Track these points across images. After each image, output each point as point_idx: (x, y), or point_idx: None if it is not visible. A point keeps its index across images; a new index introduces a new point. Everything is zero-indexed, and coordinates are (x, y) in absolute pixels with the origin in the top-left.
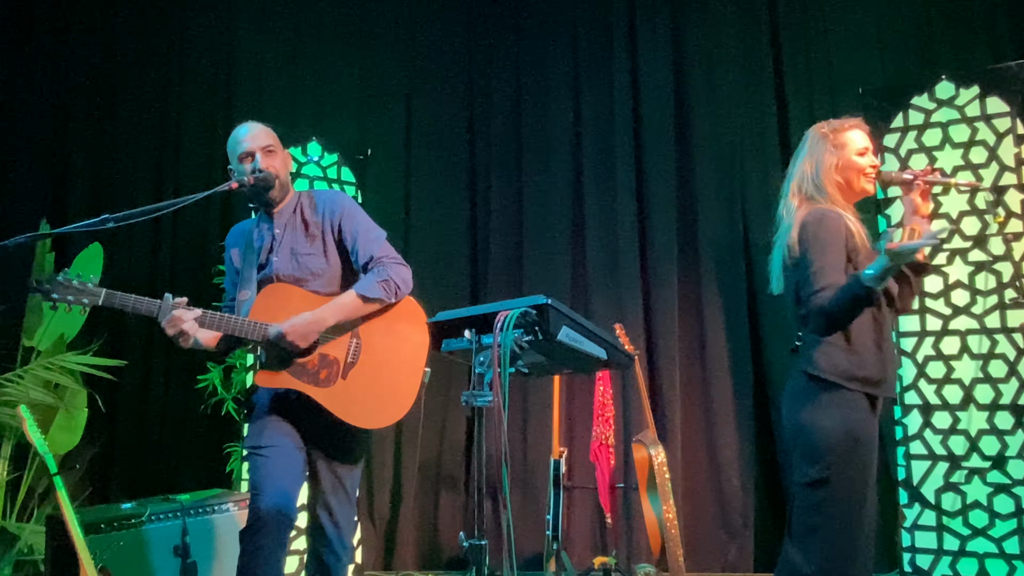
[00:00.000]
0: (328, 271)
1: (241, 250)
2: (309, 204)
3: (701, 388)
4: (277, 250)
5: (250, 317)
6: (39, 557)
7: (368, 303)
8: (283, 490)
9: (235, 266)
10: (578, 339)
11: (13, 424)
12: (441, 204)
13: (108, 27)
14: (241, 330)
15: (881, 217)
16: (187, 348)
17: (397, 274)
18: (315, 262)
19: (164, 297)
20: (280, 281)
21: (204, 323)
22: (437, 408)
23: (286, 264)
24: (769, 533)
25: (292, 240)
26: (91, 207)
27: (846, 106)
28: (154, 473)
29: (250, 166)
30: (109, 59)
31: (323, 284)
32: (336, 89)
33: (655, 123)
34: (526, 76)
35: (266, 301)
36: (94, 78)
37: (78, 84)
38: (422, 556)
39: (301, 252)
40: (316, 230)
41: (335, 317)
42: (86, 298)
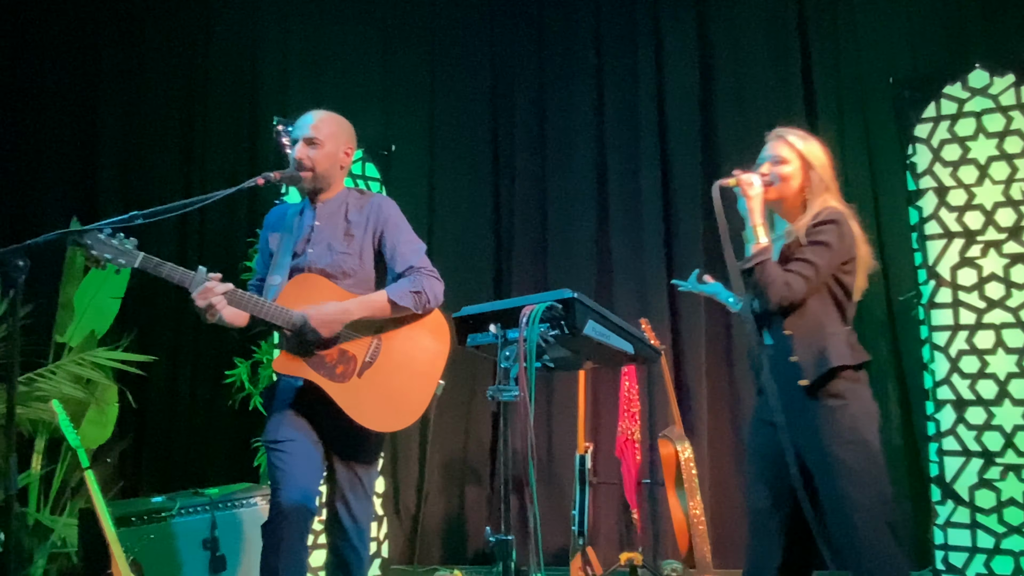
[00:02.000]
0: (360, 273)
1: (280, 233)
2: (356, 204)
3: (728, 383)
4: (315, 241)
5: (277, 303)
6: (72, 550)
7: (396, 309)
8: (303, 484)
9: (269, 248)
10: (604, 333)
11: (46, 419)
12: (465, 198)
13: (135, 27)
14: (266, 313)
15: (912, 209)
16: (212, 323)
17: (430, 287)
18: (349, 261)
19: (198, 269)
20: (311, 272)
21: (232, 301)
22: (461, 403)
23: (321, 257)
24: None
25: (330, 235)
26: (120, 205)
27: (876, 96)
28: (183, 467)
29: (296, 155)
30: (136, 59)
31: (353, 284)
32: (360, 85)
33: (680, 115)
34: (549, 70)
35: (295, 290)
36: (121, 78)
37: (106, 84)
38: (448, 551)
39: (337, 249)
40: (356, 231)
41: (360, 312)
42: (123, 258)
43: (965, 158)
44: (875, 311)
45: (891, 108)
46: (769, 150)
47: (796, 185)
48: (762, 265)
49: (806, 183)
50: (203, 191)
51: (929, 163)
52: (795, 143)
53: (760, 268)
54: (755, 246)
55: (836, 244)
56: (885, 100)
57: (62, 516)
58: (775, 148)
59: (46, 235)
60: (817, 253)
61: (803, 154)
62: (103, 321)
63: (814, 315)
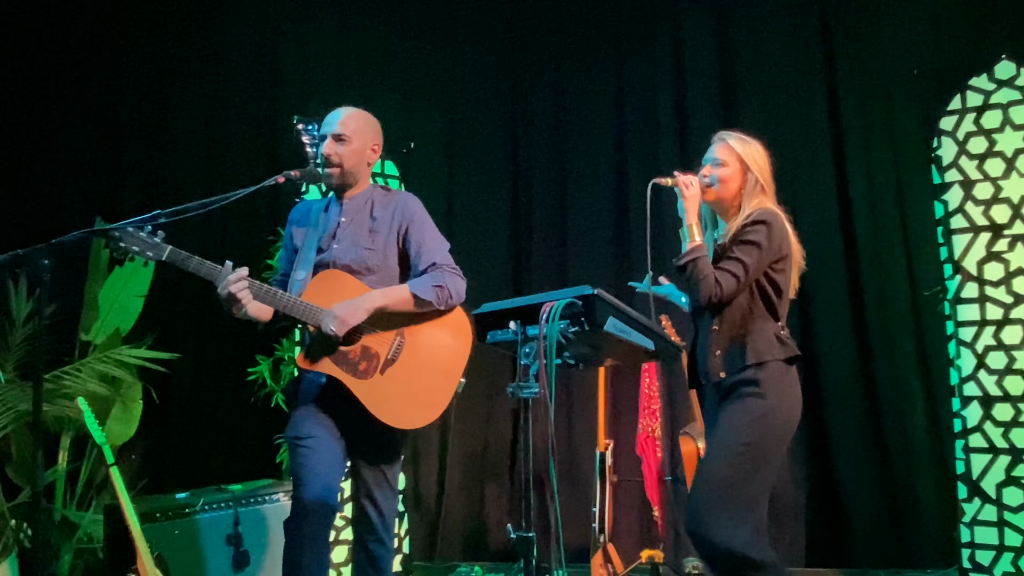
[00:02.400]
0: (384, 270)
1: (304, 229)
2: (381, 201)
3: None
4: (340, 237)
5: (302, 298)
6: (98, 545)
7: (418, 303)
8: (326, 481)
9: (294, 244)
10: (625, 330)
11: (72, 416)
12: (483, 196)
13: (157, 27)
14: (292, 309)
15: (938, 203)
16: (237, 317)
17: (453, 283)
18: (373, 258)
19: (225, 263)
20: (336, 268)
21: (257, 295)
22: (481, 400)
23: (345, 253)
24: (821, 527)
25: (355, 231)
26: (143, 204)
27: (900, 89)
28: (206, 463)
29: (324, 151)
30: (158, 59)
31: (376, 280)
32: (379, 84)
33: (701, 111)
34: (568, 67)
35: (320, 285)
36: (143, 78)
37: (128, 85)
38: (469, 547)
39: (362, 245)
40: (381, 227)
41: (382, 300)
42: (151, 252)
43: (991, 151)
44: (900, 307)
45: (915, 100)
46: (711, 152)
47: (735, 187)
48: (694, 262)
49: (744, 185)
50: (224, 190)
51: (954, 156)
52: (735, 146)
53: (692, 265)
54: (689, 244)
55: (765, 243)
56: (909, 92)
57: (88, 512)
58: (716, 151)
59: (71, 234)
60: (746, 252)
61: (742, 157)
62: (127, 319)
63: (740, 312)
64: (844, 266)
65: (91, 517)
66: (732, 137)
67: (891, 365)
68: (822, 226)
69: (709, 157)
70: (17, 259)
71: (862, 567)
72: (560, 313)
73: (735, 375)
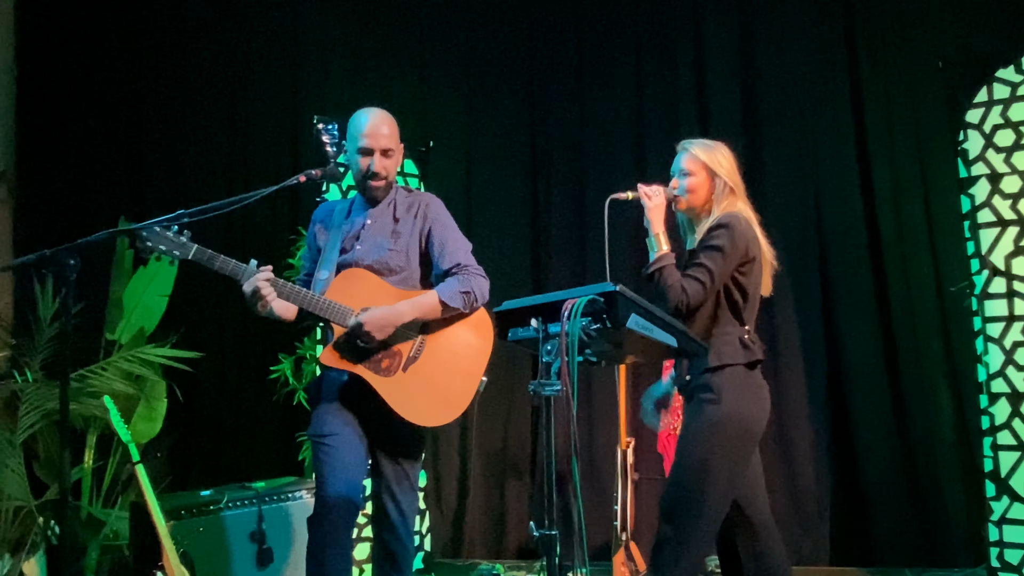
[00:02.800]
0: (406, 270)
1: (327, 229)
2: (403, 202)
3: (772, 377)
4: (364, 238)
5: (326, 296)
6: (124, 542)
7: (446, 309)
8: (348, 478)
9: (317, 244)
10: (648, 327)
11: (98, 415)
12: (503, 193)
13: (179, 30)
14: (316, 307)
15: (964, 196)
16: (262, 315)
17: (478, 286)
18: (396, 259)
19: (249, 262)
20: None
21: (282, 294)
22: (501, 398)
23: (369, 254)
24: (846, 525)
25: (379, 233)
26: (167, 204)
27: (924, 81)
28: (230, 461)
29: (366, 165)
30: (180, 61)
31: (399, 280)
32: (398, 82)
33: (721, 102)
34: (587, 62)
35: (344, 284)
36: (166, 80)
37: (151, 87)
38: (490, 545)
39: (385, 246)
40: (403, 228)
41: (413, 314)
42: (177, 250)
43: (1019, 143)
44: (926, 303)
45: (941, 93)
46: (677, 163)
47: (704, 194)
48: (661, 271)
49: (713, 191)
50: (246, 189)
51: (981, 149)
52: (699, 154)
53: (659, 274)
54: (657, 253)
55: (728, 247)
56: (934, 85)
57: (113, 509)
58: (683, 162)
59: (97, 233)
60: (710, 258)
61: (707, 164)
62: (151, 318)
63: (705, 317)
64: (868, 261)
65: (117, 514)
66: (695, 145)
67: (917, 362)
68: (846, 221)
69: (676, 169)
70: (44, 259)
71: (888, 566)
72: (582, 310)
73: (696, 378)
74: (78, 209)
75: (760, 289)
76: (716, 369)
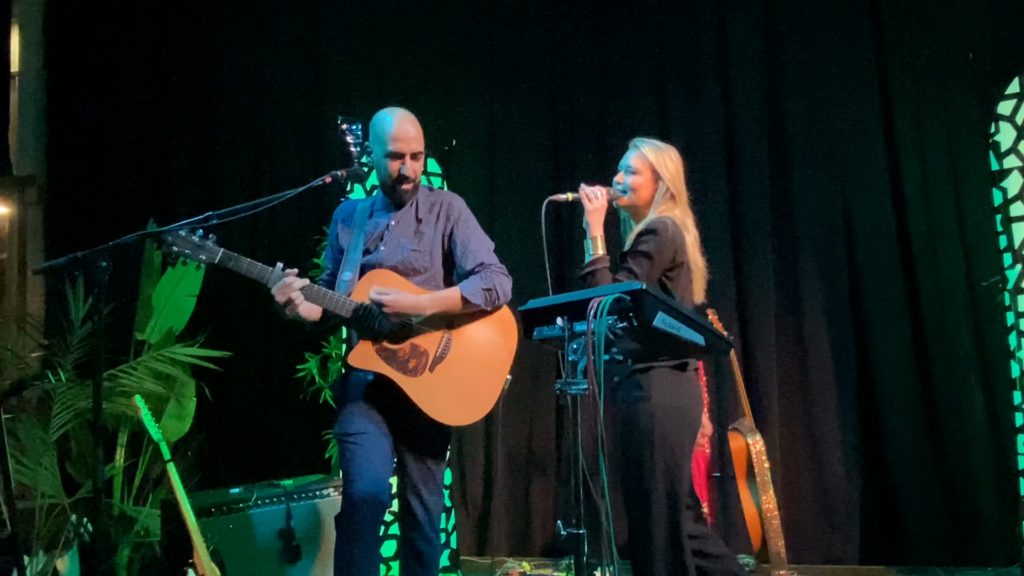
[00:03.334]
0: (430, 270)
1: (350, 229)
2: (425, 201)
3: (800, 374)
4: (387, 240)
5: (351, 298)
6: (155, 539)
7: (467, 305)
8: (375, 476)
9: (339, 244)
10: (675, 325)
11: (129, 414)
12: (526, 192)
13: (204, 35)
14: (340, 307)
15: (996, 190)
16: (289, 318)
17: (501, 284)
18: (420, 259)
19: (276, 265)
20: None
21: (309, 296)
22: (525, 395)
23: (393, 255)
24: (876, 524)
25: (402, 234)
26: (194, 205)
27: (955, 73)
28: (258, 459)
29: (396, 169)
30: (205, 65)
31: (423, 281)
32: (420, 81)
33: (746, 99)
34: (609, 59)
35: (369, 285)
36: (192, 83)
37: (177, 90)
38: (516, 543)
39: (408, 247)
40: (427, 229)
41: (433, 308)
42: (204, 255)
43: None
44: (957, 297)
45: (971, 85)
46: (626, 160)
47: (646, 195)
48: (593, 274)
49: (654, 193)
50: (272, 190)
51: (1013, 141)
52: (648, 154)
53: (591, 276)
54: (593, 255)
55: (655, 252)
56: (965, 76)
57: (145, 507)
58: (631, 159)
59: (127, 236)
60: (638, 262)
61: (653, 166)
62: (180, 318)
63: None
64: (898, 256)
65: (148, 512)
66: (646, 144)
67: (948, 358)
68: (874, 216)
69: (623, 164)
70: (76, 262)
71: (919, 564)
72: (608, 308)
73: (624, 379)
74: (107, 211)
75: (689, 295)
76: (644, 370)
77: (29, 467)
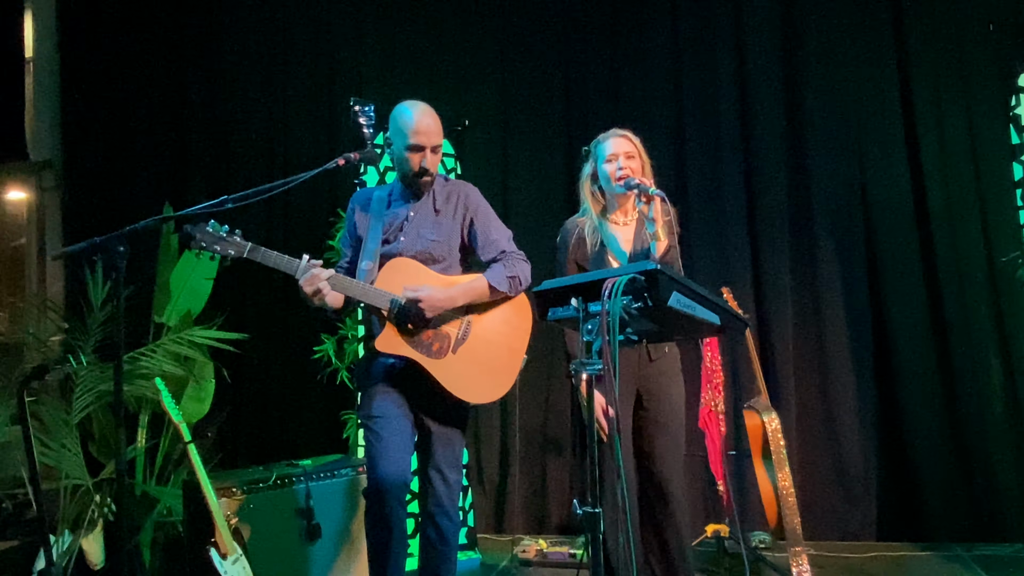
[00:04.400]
0: (449, 258)
1: (368, 218)
2: (442, 192)
3: (817, 351)
4: (407, 230)
5: (376, 286)
6: (177, 518)
7: (495, 293)
8: (399, 457)
9: (357, 232)
10: (690, 304)
11: (149, 395)
12: (539, 172)
13: (217, 18)
14: (369, 296)
15: (1017, 164)
16: (316, 307)
17: (523, 271)
18: (439, 249)
19: (302, 257)
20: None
21: (336, 286)
22: (541, 374)
23: (413, 245)
24: (893, 500)
25: (421, 224)
26: (209, 186)
27: (975, 45)
28: (277, 439)
29: (418, 162)
30: (219, 48)
31: (442, 269)
32: (433, 61)
33: (762, 73)
34: (623, 36)
35: (391, 274)
36: (206, 66)
37: (191, 72)
38: (532, 520)
39: (428, 237)
40: (445, 219)
41: (464, 299)
42: (232, 249)
43: None
44: (975, 274)
45: (992, 57)
46: (617, 147)
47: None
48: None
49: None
50: (286, 171)
51: None
52: (634, 139)
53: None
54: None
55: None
56: (985, 48)
57: (167, 487)
58: (623, 144)
59: (145, 221)
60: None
61: (641, 150)
62: (197, 301)
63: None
64: (916, 232)
65: (170, 491)
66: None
67: (966, 335)
68: (892, 190)
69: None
70: (94, 247)
71: (936, 541)
72: (622, 289)
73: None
74: (123, 194)
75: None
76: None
77: (53, 449)
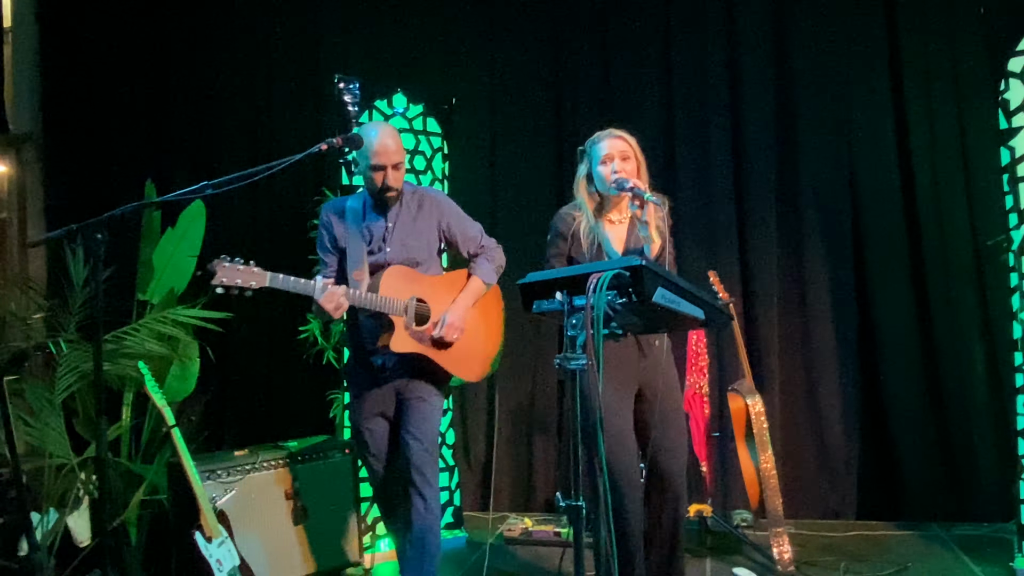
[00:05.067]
0: (429, 259)
1: (346, 228)
2: (412, 200)
3: (802, 334)
4: (391, 241)
5: (382, 295)
6: (163, 496)
7: (488, 287)
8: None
9: (340, 244)
10: (674, 300)
11: (133, 374)
12: (527, 152)
13: None
14: (385, 306)
15: (1004, 149)
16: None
17: (501, 258)
18: (421, 253)
19: (316, 279)
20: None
21: (353, 300)
22: (527, 354)
23: (399, 254)
24: (874, 480)
25: (403, 233)
26: (192, 162)
27: (965, 28)
28: (262, 420)
29: (380, 180)
30: (204, 23)
31: (424, 269)
32: (420, 40)
33: (753, 56)
34: (613, 15)
35: (392, 281)
36: (190, 40)
37: (175, 42)
38: (518, 498)
39: (411, 245)
40: (422, 226)
41: (472, 300)
42: (254, 280)
43: None
44: (961, 257)
45: (982, 40)
46: (612, 148)
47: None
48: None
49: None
50: (270, 150)
51: (1023, 100)
52: (630, 140)
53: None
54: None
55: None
56: (975, 32)
57: (152, 465)
58: (618, 145)
59: (124, 207)
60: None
61: (636, 151)
62: (181, 279)
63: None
64: (903, 214)
65: (155, 469)
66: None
67: (950, 318)
68: (880, 173)
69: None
70: (72, 233)
71: (916, 520)
72: (607, 283)
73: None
74: (105, 168)
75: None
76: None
77: (37, 428)
